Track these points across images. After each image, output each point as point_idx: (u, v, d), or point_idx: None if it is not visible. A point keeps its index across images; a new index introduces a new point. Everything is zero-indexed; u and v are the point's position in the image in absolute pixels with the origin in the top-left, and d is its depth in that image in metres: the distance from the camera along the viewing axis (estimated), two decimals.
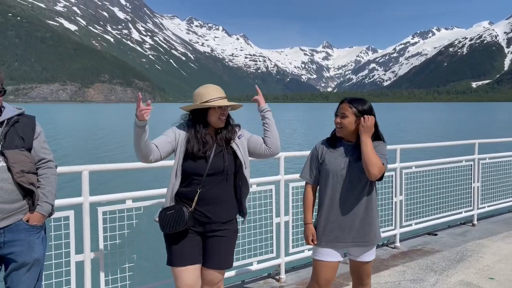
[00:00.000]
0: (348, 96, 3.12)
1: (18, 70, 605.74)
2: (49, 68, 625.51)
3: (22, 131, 2.70)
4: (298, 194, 4.79)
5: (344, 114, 2.96)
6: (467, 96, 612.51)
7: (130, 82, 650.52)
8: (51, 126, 56.00)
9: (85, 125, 62.99)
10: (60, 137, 38.76)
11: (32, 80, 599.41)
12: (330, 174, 2.98)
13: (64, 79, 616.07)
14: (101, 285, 3.64)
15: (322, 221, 3.03)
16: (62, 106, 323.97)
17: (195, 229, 2.91)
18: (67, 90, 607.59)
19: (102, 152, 28.35)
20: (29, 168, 2.68)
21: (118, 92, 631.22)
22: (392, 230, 5.83)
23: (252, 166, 3.17)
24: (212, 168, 2.87)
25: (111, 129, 52.37)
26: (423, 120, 75.90)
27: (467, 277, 4.76)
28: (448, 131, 48.72)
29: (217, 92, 2.93)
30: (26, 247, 2.66)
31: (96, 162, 21.10)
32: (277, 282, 4.68)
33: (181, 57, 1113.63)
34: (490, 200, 7.28)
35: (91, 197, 3.58)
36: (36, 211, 2.70)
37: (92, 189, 3.62)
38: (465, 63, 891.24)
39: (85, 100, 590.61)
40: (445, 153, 7.34)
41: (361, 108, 2.96)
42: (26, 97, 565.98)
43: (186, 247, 2.89)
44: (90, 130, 50.02)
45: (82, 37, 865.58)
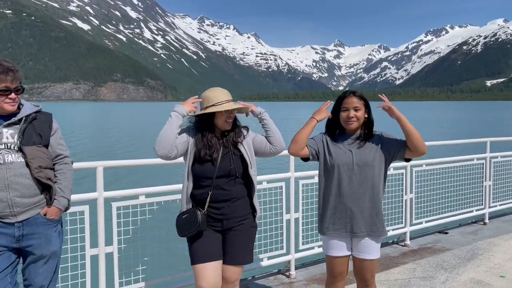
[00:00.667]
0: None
1: (32, 69, 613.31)
2: (63, 67, 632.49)
3: (40, 128, 2.78)
4: (308, 191, 4.85)
5: (357, 107, 3.00)
6: (481, 95, 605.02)
7: (142, 81, 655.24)
8: (67, 123, 56.69)
9: (98, 123, 63.63)
10: (74, 134, 39.22)
11: (46, 79, 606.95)
12: (335, 165, 3.00)
13: (77, 78, 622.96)
14: (115, 278, 3.72)
15: (330, 210, 3.04)
16: (76, 104, 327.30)
17: (213, 227, 2.98)
18: (80, 89, 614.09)
19: (116, 149, 28.70)
20: (47, 164, 2.75)
21: (131, 91, 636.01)
22: (402, 228, 5.83)
23: (262, 163, 3.23)
24: (220, 170, 2.93)
25: (124, 127, 52.81)
26: (436, 119, 75.14)
27: (478, 275, 4.75)
28: (461, 130, 48.20)
29: (223, 96, 2.96)
30: (43, 240, 2.73)
31: (110, 158, 21.30)
32: (287, 278, 4.72)
33: (192, 56, 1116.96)
34: (502, 198, 7.24)
35: (106, 193, 3.66)
36: (53, 205, 2.78)
37: (106, 185, 3.69)
38: (479, 61, 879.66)
39: (97, 98, 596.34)
40: (457, 152, 7.30)
41: (366, 100, 3.07)
42: (40, 96, 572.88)
43: (206, 244, 2.96)
44: (103, 128, 50.51)
45: (95, 37, 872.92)
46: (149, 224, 3.89)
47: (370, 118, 3.06)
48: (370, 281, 3.09)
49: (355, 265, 3.12)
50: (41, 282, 2.75)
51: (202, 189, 2.95)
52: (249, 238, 3.06)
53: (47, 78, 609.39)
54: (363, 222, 2.99)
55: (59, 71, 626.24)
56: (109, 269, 3.69)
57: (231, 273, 3.00)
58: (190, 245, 3.01)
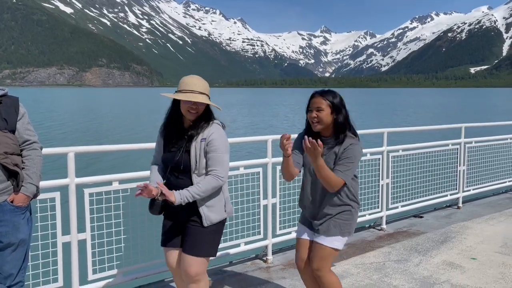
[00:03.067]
0: (346, 81, 3.15)
1: (14, 53, 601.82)
2: (46, 52, 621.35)
3: (5, 113, 2.70)
4: None
5: (320, 108, 2.92)
6: (466, 82, 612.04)
7: (128, 67, 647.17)
8: (51, 108, 55.98)
9: (82, 108, 62.94)
10: (57, 119, 38.74)
11: (29, 64, 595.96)
12: (306, 164, 3.09)
13: (61, 63, 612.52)
14: (88, 266, 3.68)
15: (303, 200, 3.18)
16: (60, 90, 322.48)
17: (175, 216, 3.04)
18: (64, 74, 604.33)
19: (91, 134, 28.54)
20: (13, 150, 2.69)
21: (116, 76, 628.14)
22: (379, 213, 5.90)
23: (239, 148, 3.20)
24: (171, 160, 2.95)
25: (110, 112, 52.31)
26: (421, 105, 75.95)
27: (450, 257, 4.86)
28: (441, 115, 48.88)
29: (194, 85, 2.88)
30: (11, 227, 2.68)
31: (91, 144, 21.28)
32: (264, 263, 4.75)
33: (178, 41, 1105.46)
34: (475, 183, 7.37)
35: (77, 179, 3.58)
36: (21, 192, 2.72)
37: (80, 171, 3.63)
38: (464, 49, 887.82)
39: (82, 84, 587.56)
40: (435, 137, 7.38)
41: (334, 100, 2.95)
42: (23, 81, 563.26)
43: (169, 231, 3.06)
44: (87, 114, 49.98)
45: (78, 20, 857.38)
46: (123, 210, 3.85)
47: (338, 120, 2.95)
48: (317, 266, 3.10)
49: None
50: (10, 270, 2.71)
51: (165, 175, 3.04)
52: (201, 233, 2.94)
53: (30, 63, 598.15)
54: (311, 211, 3.11)
55: (42, 56, 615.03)
56: (82, 257, 3.65)
57: (187, 262, 2.93)
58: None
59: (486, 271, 4.48)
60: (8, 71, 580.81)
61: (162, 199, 2.83)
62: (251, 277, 4.38)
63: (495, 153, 7.60)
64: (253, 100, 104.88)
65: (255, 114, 52.72)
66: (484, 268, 4.54)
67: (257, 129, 32.68)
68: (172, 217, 3.05)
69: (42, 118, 41.28)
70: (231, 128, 30.95)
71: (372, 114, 48.22)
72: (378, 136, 5.89)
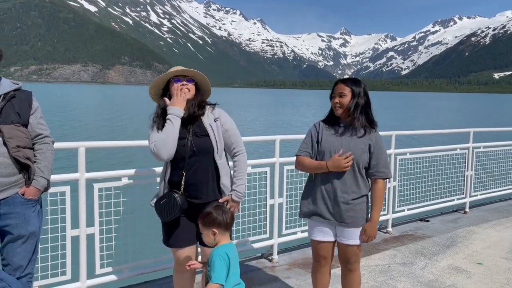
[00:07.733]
0: (367, 84, 3.22)
1: (41, 50, 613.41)
2: (71, 49, 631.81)
3: (19, 107, 2.74)
4: (293, 177, 4.87)
5: (342, 93, 3.06)
6: (489, 87, 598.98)
7: (149, 65, 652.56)
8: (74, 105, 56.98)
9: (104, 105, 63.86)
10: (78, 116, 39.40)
11: (54, 61, 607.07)
12: (326, 152, 3.08)
13: (85, 60, 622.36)
14: (96, 260, 3.73)
15: (316, 194, 3.15)
16: (84, 87, 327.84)
17: (189, 214, 3.01)
18: (88, 71, 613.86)
19: (107, 130, 29.15)
20: (25, 143, 2.74)
21: (138, 74, 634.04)
22: (385, 215, 5.92)
23: (247, 149, 3.23)
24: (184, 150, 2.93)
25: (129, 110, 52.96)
26: (445, 108, 74.80)
27: (456, 261, 4.85)
28: (460, 120, 48.14)
29: (177, 68, 3.06)
30: (21, 220, 2.73)
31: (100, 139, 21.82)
32: (270, 262, 4.79)
33: (198, 41, 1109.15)
34: (482, 188, 7.32)
35: (87, 174, 3.64)
36: (32, 185, 2.76)
37: (90, 166, 3.70)
38: (488, 54, 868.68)
39: (105, 81, 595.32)
40: (444, 141, 7.34)
41: (356, 86, 3.07)
42: (49, 77, 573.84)
43: (181, 229, 3.04)
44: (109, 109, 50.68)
45: (101, 19, 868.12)
46: (132, 206, 3.90)
47: (356, 104, 3.04)
48: (353, 266, 3.21)
49: (339, 249, 3.22)
50: (19, 262, 2.75)
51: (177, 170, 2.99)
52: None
53: (55, 60, 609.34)
54: (338, 209, 3.08)
55: (67, 53, 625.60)
56: (90, 250, 3.70)
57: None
58: (166, 228, 3.08)
59: (492, 276, 4.46)
60: (34, 67, 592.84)
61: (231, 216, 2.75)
62: (256, 276, 4.42)
63: (503, 159, 7.53)
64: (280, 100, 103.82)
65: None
66: (490, 274, 4.52)
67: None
68: (191, 217, 3.03)
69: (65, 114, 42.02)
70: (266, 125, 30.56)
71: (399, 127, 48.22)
72: (386, 139, 5.86)
